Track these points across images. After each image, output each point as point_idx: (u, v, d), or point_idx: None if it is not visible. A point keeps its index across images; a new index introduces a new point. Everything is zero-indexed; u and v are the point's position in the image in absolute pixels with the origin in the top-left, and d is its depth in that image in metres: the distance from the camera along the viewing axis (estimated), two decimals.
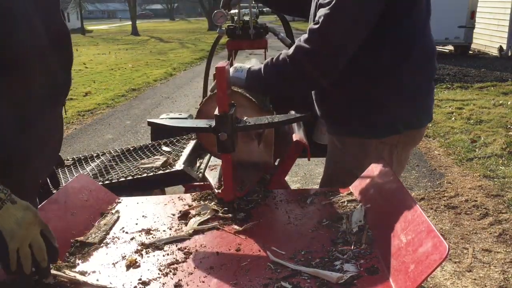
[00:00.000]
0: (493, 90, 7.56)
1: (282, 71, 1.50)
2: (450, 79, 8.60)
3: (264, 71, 1.52)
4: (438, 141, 5.19)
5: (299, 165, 4.38)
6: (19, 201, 0.95)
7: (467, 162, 4.48)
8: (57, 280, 0.98)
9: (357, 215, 1.22)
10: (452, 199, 3.66)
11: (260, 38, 2.04)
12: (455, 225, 3.25)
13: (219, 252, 1.10)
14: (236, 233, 1.19)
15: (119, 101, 8.27)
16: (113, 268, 1.05)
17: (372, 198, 1.26)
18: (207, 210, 1.32)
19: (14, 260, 0.93)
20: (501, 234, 3.06)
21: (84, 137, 5.87)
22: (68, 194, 1.29)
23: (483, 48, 12.38)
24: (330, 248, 1.08)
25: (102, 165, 2.00)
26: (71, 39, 1.21)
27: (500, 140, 4.91)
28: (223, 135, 1.26)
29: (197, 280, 0.98)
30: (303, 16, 2.23)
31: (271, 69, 1.51)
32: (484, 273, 2.64)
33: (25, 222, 0.94)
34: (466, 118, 5.92)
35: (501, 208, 3.45)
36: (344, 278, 0.94)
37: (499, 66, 9.86)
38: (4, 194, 0.93)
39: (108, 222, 1.27)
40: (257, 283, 0.95)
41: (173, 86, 9.92)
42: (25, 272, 0.94)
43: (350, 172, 1.51)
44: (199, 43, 19.82)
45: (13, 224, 0.92)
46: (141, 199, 1.45)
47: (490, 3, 11.73)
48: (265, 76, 1.52)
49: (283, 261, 1.02)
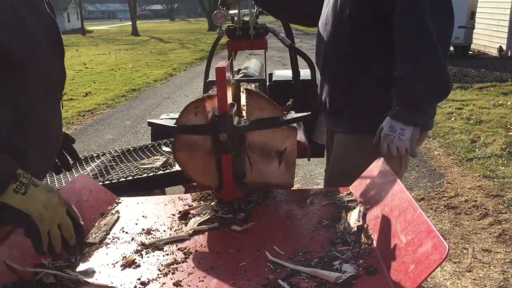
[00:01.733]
0: (493, 90, 7.56)
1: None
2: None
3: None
4: (438, 141, 5.20)
5: (299, 165, 4.38)
6: (40, 184, 0.97)
7: (467, 162, 4.48)
8: (58, 280, 0.98)
9: (357, 215, 1.22)
10: (452, 199, 3.67)
11: (260, 38, 2.05)
12: (455, 225, 3.25)
13: (219, 252, 1.10)
14: (236, 233, 1.19)
15: (119, 101, 8.27)
16: (113, 268, 1.05)
17: (372, 198, 1.26)
18: (207, 210, 1.32)
19: (46, 242, 0.96)
20: (501, 234, 3.06)
21: (84, 137, 5.87)
22: (68, 194, 1.29)
23: (483, 49, 12.38)
24: (329, 248, 1.08)
25: (102, 165, 2.00)
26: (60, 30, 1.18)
27: (500, 140, 4.92)
28: (223, 136, 1.26)
29: (197, 280, 0.98)
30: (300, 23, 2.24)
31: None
32: (484, 273, 2.64)
33: (52, 204, 0.96)
34: (466, 118, 5.92)
35: (501, 208, 3.45)
36: (342, 278, 0.94)
37: (499, 67, 9.86)
38: (26, 178, 0.94)
39: (108, 222, 1.27)
40: (257, 283, 0.95)
41: (173, 86, 9.92)
42: (56, 252, 0.99)
43: (359, 171, 1.51)
44: (199, 44, 19.82)
45: (40, 207, 0.94)
46: (141, 199, 1.45)
47: (490, 3, 11.73)
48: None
49: (282, 261, 1.03)
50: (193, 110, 1.29)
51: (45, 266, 1.01)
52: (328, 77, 1.79)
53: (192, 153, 1.32)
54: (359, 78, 1.68)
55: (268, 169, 1.33)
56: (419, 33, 1.49)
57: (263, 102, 1.31)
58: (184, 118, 1.30)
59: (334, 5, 1.70)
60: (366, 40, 1.64)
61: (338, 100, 1.76)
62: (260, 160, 1.30)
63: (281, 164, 1.32)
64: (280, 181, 1.34)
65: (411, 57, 1.51)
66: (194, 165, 1.33)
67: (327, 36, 1.74)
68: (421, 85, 1.50)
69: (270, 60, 9.56)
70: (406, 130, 1.54)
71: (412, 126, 1.54)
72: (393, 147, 1.57)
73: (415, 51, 1.50)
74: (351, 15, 1.62)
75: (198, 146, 1.30)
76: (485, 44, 12.22)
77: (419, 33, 1.49)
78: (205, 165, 1.32)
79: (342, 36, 1.68)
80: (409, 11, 1.50)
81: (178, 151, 1.32)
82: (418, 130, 1.56)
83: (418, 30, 1.49)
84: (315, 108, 1.94)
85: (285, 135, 1.30)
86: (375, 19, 1.60)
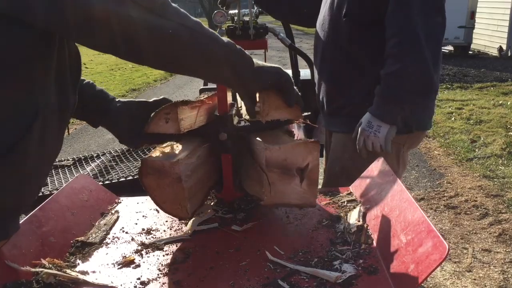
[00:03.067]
0: (493, 90, 7.56)
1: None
2: (450, 79, 8.60)
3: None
4: (438, 141, 5.20)
5: None
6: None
7: (467, 162, 4.48)
8: (57, 280, 0.98)
9: (357, 215, 1.22)
10: (452, 199, 3.67)
11: (260, 38, 2.05)
12: (455, 225, 3.25)
13: (219, 252, 1.10)
14: (236, 233, 1.19)
15: None
16: (113, 268, 1.05)
17: (372, 198, 1.26)
18: (207, 210, 1.32)
19: None
20: (501, 234, 3.07)
21: (84, 137, 5.87)
22: (68, 194, 1.29)
23: (483, 48, 12.38)
24: (329, 248, 1.08)
25: (102, 165, 2.00)
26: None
27: (500, 140, 4.92)
28: (223, 135, 1.27)
29: (197, 280, 0.98)
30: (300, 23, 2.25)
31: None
32: (484, 273, 2.64)
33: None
34: (466, 118, 5.92)
35: (501, 208, 3.45)
36: (342, 277, 0.94)
37: (499, 66, 9.87)
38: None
39: (108, 222, 1.27)
40: (257, 283, 0.95)
41: (173, 86, 9.92)
42: None
43: (358, 170, 1.52)
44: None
45: None
46: (141, 199, 1.45)
47: (490, 3, 11.73)
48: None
49: (282, 260, 1.03)
50: (163, 117, 1.16)
51: (45, 266, 1.01)
52: (325, 76, 1.80)
53: (160, 179, 1.13)
54: (357, 78, 1.68)
55: (288, 188, 1.16)
56: (406, 34, 1.50)
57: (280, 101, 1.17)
58: (154, 125, 1.16)
59: (331, 5, 1.70)
60: (363, 40, 1.65)
61: (335, 99, 1.76)
62: (279, 179, 1.14)
63: (302, 182, 1.16)
64: (302, 201, 1.17)
65: (397, 57, 1.52)
66: (162, 193, 1.15)
67: (324, 36, 1.75)
68: (404, 85, 1.52)
69: (270, 60, 9.54)
70: (382, 128, 1.55)
71: (389, 124, 1.56)
72: (369, 143, 1.59)
73: (402, 51, 1.52)
74: (348, 15, 1.63)
75: (167, 172, 1.12)
76: (485, 44, 12.22)
77: (406, 33, 1.50)
78: (174, 193, 1.14)
79: (339, 36, 1.69)
80: (399, 11, 1.51)
81: (145, 177, 1.14)
82: (394, 129, 1.58)
83: (406, 31, 1.50)
84: (316, 108, 1.94)
85: (307, 150, 1.14)
86: (371, 19, 1.60)
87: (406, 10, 1.50)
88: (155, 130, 1.16)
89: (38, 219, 1.13)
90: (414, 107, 1.61)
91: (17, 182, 0.95)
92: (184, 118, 1.16)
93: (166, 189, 1.14)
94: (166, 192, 1.14)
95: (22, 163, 0.93)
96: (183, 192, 1.13)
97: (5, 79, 0.88)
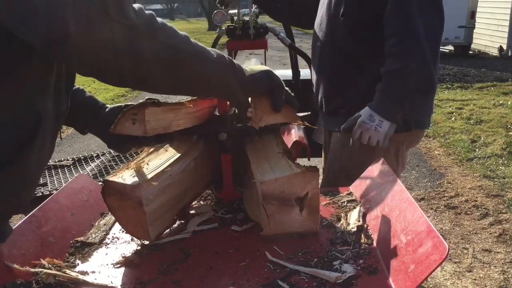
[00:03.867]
0: (493, 90, 7.56)
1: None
2: (450, 79, 8.60)
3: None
4: (438, 141, 5.19)
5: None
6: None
7: (467, 162, 4.48)
8: (57, 280, 0.98)
9: (357, 215, 1.22)
10: (452, 199, 3.67)
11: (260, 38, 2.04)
12: (455, 225, 3.25)
13: (219, 252, 1.10)
14: (236, 233, 1.19)
15: (119, 101, 8.26)
16: (113, 268, 1.05)
17: (372, 198, 1.26)
18: (207, 210, 1.32)
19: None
20: (501, 234, 3.06)
21: (84, 137, 5.87)
22: (67, 194, 1.29)
23: (483, 48, 12.37)
24: (329, 248, 1.08)
25: (102, 165, 2.00)
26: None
27: (500, 140, 4.91)
28: (222, 135, 1.26)
29: (197, 280, 0.98)
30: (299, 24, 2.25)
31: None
32: (484, 273, 2.64)
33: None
34: (466, 118, 5.92)
35: (501, 208, 3.45)
36: (342, 278, 0.94)
37: (499, 66, 9.86)
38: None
39: (107, 222, 1.27)
40: (256, 283, 0.95)
41: None
42: None
43: (356, 169, 1.52)
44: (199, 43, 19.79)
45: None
46: None
47: (490, 3, 11.72)
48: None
49: (282, 261, 1.02)
50: (130, 117, 1.09)
51: (44, 266, 1.01)
52: (324, 76, 1.80)
53: (122, 201, 1.09)
54: (355, 77, 1.69)
55: (288, 218, 1.13)
56: (407, 33, 1.51)
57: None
58: (120, 126, 1.10)
59: (328, 5, 1.71)
60: (361, 40, 1.65)
61: (334, 99, 1.76)
62: (278, 211, 1.11)
63: (302, 210, 1.13)
64: (303, 228, 1.14)
65: (397, 56, 1.53)
66: (125, 215, 1.11)
67: (322, 36, 1.75)
68: (405, 84, 1.53)
69: (270, 60, 9.56)
70: (384, 123, 1.55)
71: (390, 121, 1.56)
72: (366, 136, 1.58)
73: (403, 51, 1.52)
74: (345, 15, 1.63)
75: (128, 195, 1.07)
76: (486, 43, 12.21)
77: (407, 33, 1.51)
78: (136, 216, 1.09)
79: (337, 36, 1.69)
80: (399, 10, 1.52)
81: (107, 197, 1.10)
82: (394, 126, 1.58)
83: (406, 30, 1.51)
84: (315, 107, 1.94)
85: (306, 180, 1.11)
86: (369, 19, 1.61)
87: (406, 10, 1.50)
88: (122, 131, 1.10)
89: (37, 219, 1.12)
90: (413, 105, 1.62)
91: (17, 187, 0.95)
92: (151, 120, 1.10)
93: (129, 211, 1.09)
94: (128, 214, 1.10)
95: (25, 169, 0.92)
96: (145, 216, 1.08)
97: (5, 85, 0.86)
